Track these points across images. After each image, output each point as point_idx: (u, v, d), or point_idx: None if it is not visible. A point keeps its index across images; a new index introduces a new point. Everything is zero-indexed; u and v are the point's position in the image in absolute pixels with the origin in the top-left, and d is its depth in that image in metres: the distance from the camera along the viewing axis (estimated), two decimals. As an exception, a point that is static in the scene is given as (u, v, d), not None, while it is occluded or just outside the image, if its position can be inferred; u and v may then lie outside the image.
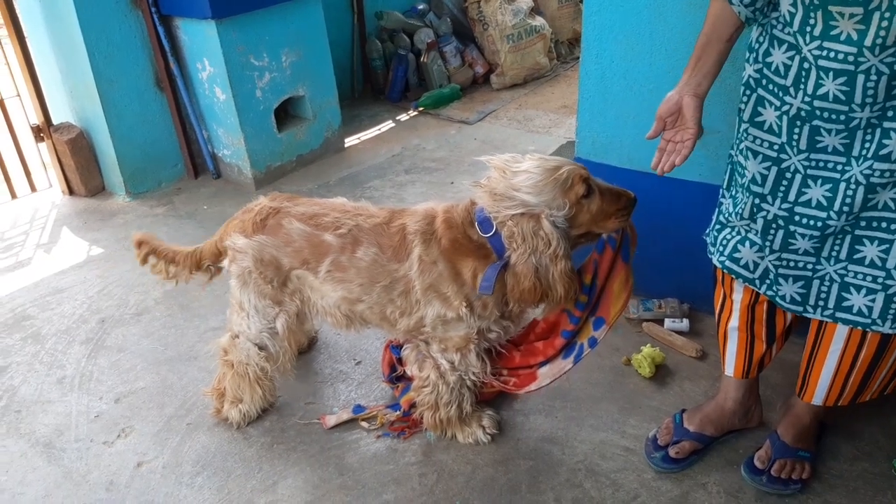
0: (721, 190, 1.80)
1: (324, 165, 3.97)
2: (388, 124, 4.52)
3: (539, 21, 5.01)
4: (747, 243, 1.69)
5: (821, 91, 1.41)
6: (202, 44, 3.43)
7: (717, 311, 1.94)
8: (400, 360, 2.16)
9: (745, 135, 1.61)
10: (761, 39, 1.54)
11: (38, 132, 3.62)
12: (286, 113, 3.91)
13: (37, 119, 3.60)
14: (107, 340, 2.59)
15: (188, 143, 3.78)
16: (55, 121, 3.63)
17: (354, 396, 2.26)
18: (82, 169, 3.65)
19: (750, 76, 1.58)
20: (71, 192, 3.75)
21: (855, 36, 1.33)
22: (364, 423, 2.12)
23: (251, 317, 2.00)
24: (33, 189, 3.77)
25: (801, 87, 1.45)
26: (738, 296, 1.84)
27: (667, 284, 2.51)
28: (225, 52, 3.38)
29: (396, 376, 2.22)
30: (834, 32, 1.35)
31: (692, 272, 2.32)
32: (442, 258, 1.80)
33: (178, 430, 2.16)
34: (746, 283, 1.76)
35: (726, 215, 1.76)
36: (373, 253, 1.84)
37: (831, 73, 1.39)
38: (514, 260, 1.71)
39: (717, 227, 1.81)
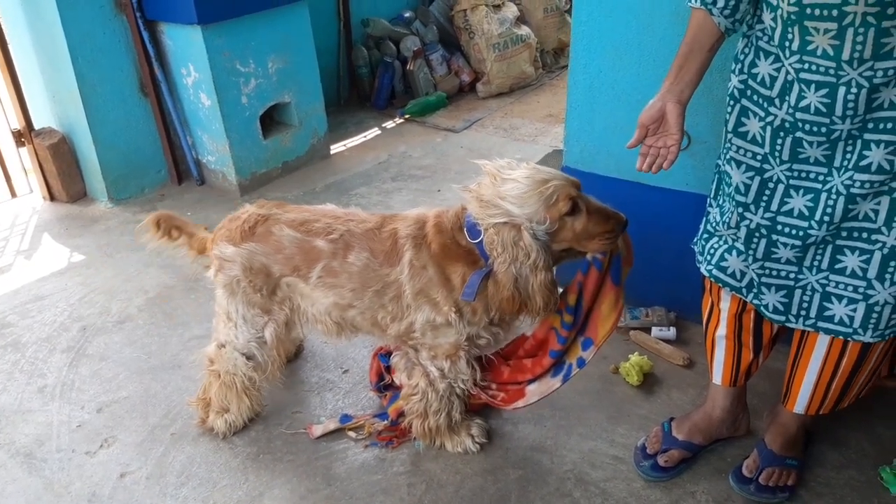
0: (708, 199, 1.81)
1: (309, 172, 3.95)
2: (374, 131, 4.52)
3: (525, 30, 5.04)
4: (734, 252, 1.70)
5: (803, 103, 1.43)
6: (187, 49, 3.41)
7: (704, 320, 1.95)
8: (388, 369, 2.15)
9: (729, 145, 1.63)
10: (746, 51, 1.55)
11: (20, 137, 3.57)
12: (272, 119, 3.89)
13: (18, 124, 3.55)
14: (88, 349, 2.55)
15: (172, 149, 3.74)
16: (37, 125, 3.58)
17: (342, 406, 2.24)
18: (64, 174, 3.60)
19: (735, 87, 1.59)
20: (52, 197, 3.69)
21: (831, 51, 1.35)
22: (351, 433, 2.11)
23: (239, 326, 1.98)
24: (14, 194, 3.71)
25: (786, 98, 1.46)
26: (726, 304, 1.85)
27: (654, 293, 2.52)
28: (210, 58, 3.35)
29: (384, 385, 2.20)
30: (811, 48, 1.37)
31: (679, 281, 2.33)
32: (432, 263, 1.79)
33: (163, 440, 2.13)
34: (733, 292, 1.77)
35: (713, 224, 1.77)
36: (364, 258, 1.83)
37: (813, 86, 1.40)
38: (496, 268, 1.70)
39: (705, 236, 1.82)
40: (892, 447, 1.99)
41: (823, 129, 1.44)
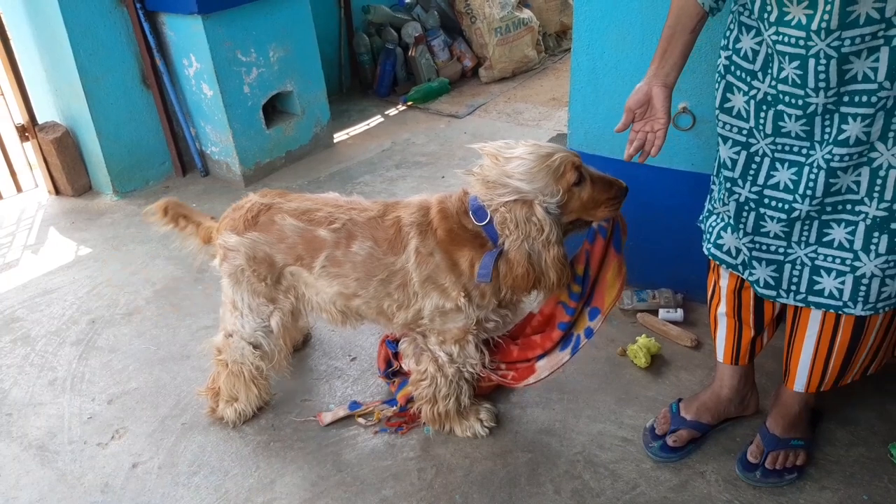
0: (712, 177, 1.81)
1: (313, 161, 3.95)
2: (376, 119, 4.50)
3: (526, 14, 5.00)
4: (729, 229, 1.71)
5: (782, 75, 1.44)
6: (188, 40, 3.40)
7: (708, 298, 1.95)
8: (396, 355, 2.15)
9: (716, 121, 1.63)
10: (731, 27, 1.56)
11: (23, 132, 3.57)
12: (274, 109, 3.88)
13: (21, 118, 3.55)
14: (98, 341, 2.56)
15: (175, 140, 3.75)
16: (40, 120, 3.59)
17: (350, 393, 2.24)
18: (68, 168, 3.61)
19: (721, 63, 1.60)
20: (57, 191, 3.71)
21: (804, 21, 1.35)
22: (361, 420, 2.11)
23: (245, 316, 1.98)
24: (19, 189, 3.73)
25: (769, 71, 1.47)
26: (725, 281, 1.85)
27: (660, 275, 2.51)
28: (212, 48, 3.34)
29: (392, 371, 2.21)
30: (787, 18, 1.38)
31: (685, 262, 2.33)
32: (438, 249, 1.79)
33: (173, 430, 2.14)
34: (731, 269, 1.76)
35: (714, 203, 1.77)
36: (368, 247, 1.83)
37: (787, 58, 1.41)
38: (508, 247, 1.71)
39: (707, 214, 1.83)
40: (901, 424, 1.99)
41: (800, 102, 1.44)
